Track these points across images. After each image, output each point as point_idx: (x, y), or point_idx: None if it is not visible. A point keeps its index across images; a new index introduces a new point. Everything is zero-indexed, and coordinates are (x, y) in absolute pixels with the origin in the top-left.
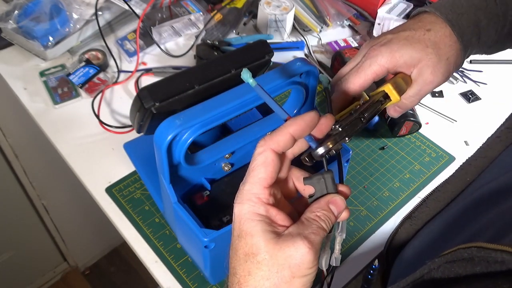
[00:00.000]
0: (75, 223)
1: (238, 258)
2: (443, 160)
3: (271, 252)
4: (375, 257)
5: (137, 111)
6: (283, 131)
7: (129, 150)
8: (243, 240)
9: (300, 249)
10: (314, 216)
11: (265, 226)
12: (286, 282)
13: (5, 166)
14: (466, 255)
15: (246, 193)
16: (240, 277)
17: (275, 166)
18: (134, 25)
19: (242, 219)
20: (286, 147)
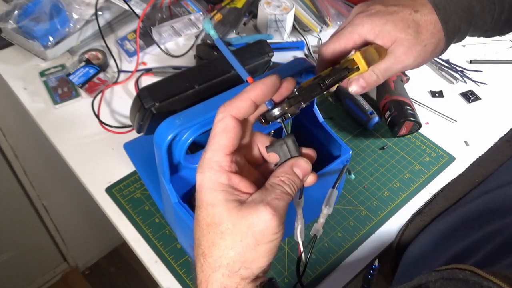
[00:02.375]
0: (75, 223)
1: (201, 229)
2: (443, 160)
3: (234, 220)
4: (375, 257)
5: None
6: (244, 97)
7: (129, 150)
8: (205, 211)
9: (263, 215)
10: (278, 181)
11: (227, 195)
12: (251, 250)
13: (5, 166)
14: (461, 276)
15: (207, 162)
16: (204, 248)
17: (236, 132)
18: (134, 25)
19: (204, 188)
20: (247, 113)
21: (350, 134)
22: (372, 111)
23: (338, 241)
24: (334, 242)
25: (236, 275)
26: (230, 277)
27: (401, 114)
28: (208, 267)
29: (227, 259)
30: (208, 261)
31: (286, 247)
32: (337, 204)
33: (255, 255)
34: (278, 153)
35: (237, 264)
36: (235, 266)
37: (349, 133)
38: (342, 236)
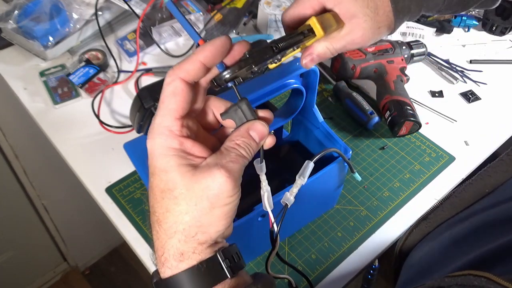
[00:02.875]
0: (75, 223)
1: (155, 196)
2: (443, 160)
3: (188, 185)
4: (375, 257)
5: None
6: (193, 59)
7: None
8: (158, 177)
9: (217, 178)
10: (233, 144)
11: (179, 160)
12: (206, 214)
13: (5, 166)
14: (476, 283)
15: (157, 127)
16: (159, 215)
17: (185, 96)
18: (134, 25)
19: (155, 155)
20: (197, 76)
21: (350, 134)
22: (372, 111)
23: (338, 241)
24: (334, 242)
25: (192, 240)
26: (187, 242)
27: (401, 114)
28: (163, 234)
29: (183, 224)
30: (163, 227)
31: (286, 247)
32: (337, 204)
33: (211, 219)
34: (233, 118)
35: (193, 229)
36: (191, 231)
37: (349, 133)
38: (342, 236)
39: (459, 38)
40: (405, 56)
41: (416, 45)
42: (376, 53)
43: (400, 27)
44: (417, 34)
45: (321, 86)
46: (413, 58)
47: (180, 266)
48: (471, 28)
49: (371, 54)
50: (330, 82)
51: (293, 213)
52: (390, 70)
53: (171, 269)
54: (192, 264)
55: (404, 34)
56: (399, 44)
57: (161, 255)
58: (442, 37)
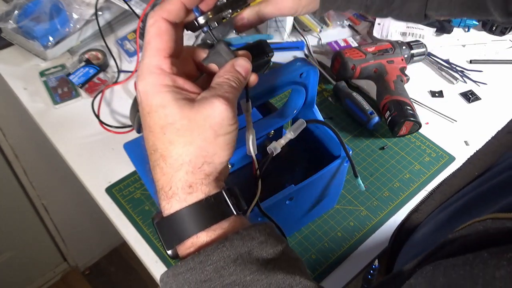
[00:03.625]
0: (75, 223)
1: (155, 133)
2: (443, 160)
3: (189, 116)
4: (375, 257)
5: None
6: None
7: (129, 150)
8: (156, 114)
9: (218, 107)
10: (223, 79)
11: (175, 95)
12: (210, 142)
13: (5, 166)
14: (481, 228)
15: (147, 67)
16: (162, 150)
17: (170, 35)
18: (134, 25)
19: (149, 94)
20: (178, 16)
21: (350, 134)
22: (372, 111)
23: (338, 241)
24: (334, 242)
25: (199, 171)
26: (194, 174)
27: (401, 114)
28: (169, 168)
29: (189, 155)
30: (169, 162)
31: None
32: (337, 204)
33: (215, 148)
34: (215, 62)
35: (199, 159)
36: (197, 162)
37: (349, 133)
38: (342, 236)
39: (459, 38)
40: (405, 56)
41: (416, 45)
42: (376, 53)
43: (400, 27)
44: (417, 34)
45: (321, 86)
46: (413, 58)
47: (189, 199)
48: (471, 28)
49: (371, 54)
50: (330, 82)
51: (293, 213)
52: (390, 70)
53: (180, 202)
54: (200, 198)
55: (404, 34)
56: (399, 44)
57: (168, 190)
58: (442, 37)
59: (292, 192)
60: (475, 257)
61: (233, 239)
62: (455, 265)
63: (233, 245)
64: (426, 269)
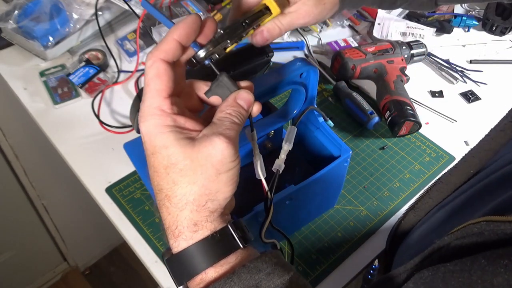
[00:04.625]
0: (75, 223)
1: (159, 173)
2: (443, 160)
3: (191, 156)
4: (375, 257)
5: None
6: (168, 39)
7: (129, 150)
8: (159, 155)
9: (218, 145)
10: (225, 114)
11: (176, 135)
12: (213, 181)
13: (5, 166)
14: (475, 230)
15: (148, 109)
16: (167, 190)
17: (169, 75)
18: (134, 25)
19: (152, 135)
20: (175, 55)
21: (350, 134)
22: (372, 111)
23: (338, 241)
24: (334, 242)
25: (203, 209)
26: (199, 212)
27: (401, 114)
28: (174, 208)
29: (192, 195)
30: (173, 201)
31: (286, 247)
32: (337, 204)
33: (218, 185)
34: (218, 94)
35: (203, 197)
36: (201, 200)
37: (349, 133)
38: (342, 236)
39: (459, 38)
40: (405, 56)
41: (416, 45)
42: (376, 53)
43: (400, 27)
44: (417, 34)
45: (321, 86)
46: (413, 58)
47: (195, 236)
48: (471, 28)
49: (371, 54)
50: (330, 82)
51: (293, 213)
52: (390, 70)
53: (186, 241)
54: (206, 235)
55: (404, 34)
56: (399, 44)
57: (175, 229)
58: (442, 37)
59: (292, 192)
60: (472, 262)
61: (241, 273)
62: (454, 271)
63: (241, 279)
64: (425, 274)
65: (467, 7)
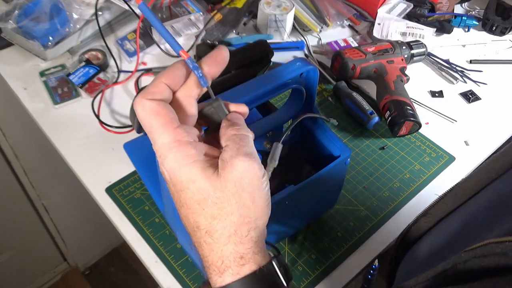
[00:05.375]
0: (75, 223)
1: (194, 210)
2: (443, 160)
3: (220, 187)
4: (375, 257)
5: None
6: (155, 82)
7: (129, 150)
8: (188, 190)
9: (241, 166)
10: (229, 135)
11: (201, 164)
12: (249, 207)
13: (5, 166)
14: (499, 250)
15: (163, 147)
16: (206, 226)
17: (166, 107)
18: (134, 25)
19: (175, 170)
20: (163, 96)
21: (350, 134)
22: (372, 111)
23: (338, 241)
24: (334, 242)
25: (247, 240)
26: (243, 243)
27: (401, 114)
28: (217, 243)
29: (233, 226)
30: (215, 236)
31: (286, 247)
32: (337, 204)
33: (256, 212)
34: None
35: (244, 227)
36: (243, 231)
37: (349, 133)
38: (342, 236)
39: (459, 38)
40: (405, 56)
41: (416, 45)
42: (376, 53)
43: (400, 27)
44: (417, 34)
45: (321, 86)
46: (413, 58)
47: (242, 271)
48: (471, 28)
49: (371, 54)
50: (330, 82)
51: (293, 213)
52: (390, 70)
53: (233, 276)
54: (253, 269)
55: (404, 34)
56: (399, 44)
57: (221, 264)
58: (442, 37)
59: (292, 192)
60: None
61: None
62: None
63: None
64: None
65: (467, 7)
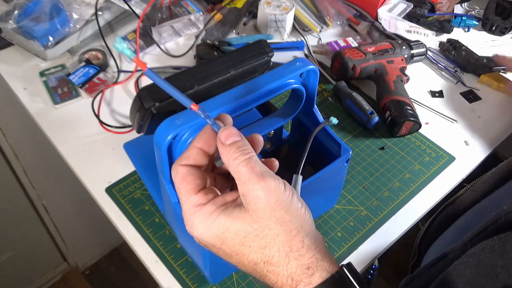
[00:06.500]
0: (75, 223)
1: (243, 253)
2: (443, 160)
3: (253, 219)
4: (375, 257)
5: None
6: (190, 147)
7: (129, 150)
8: (228, 239)
9: (258, 191)
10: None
11: (226, 210)
12: (289, 220)
13: (5, 166)
14: None
15: (188, 213)
16: (261, 259)
17: (194, 174)
18: (134, 25)
19: (207, 230)
20: (197, 160)
21: (350, 134)
22: (372, 111)
23: (338, 241)
24: (334, 242)
25: (305, 249)
26: (302, 256)
27: (401, 114)
28: (280, 266)
29: (286, 244)
30: (274, 261)
31: None
32: (337, 204)
33: (296, 220)
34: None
35: (295, 239)
36: (296, 244)
37: (349, 133)
38: (342, 236)
39: (459, 38)
40: (405, 56)
41: (416, 45)
42: (376, 53)
43: (404, 26)
44: (422, 33)
45: (321, 86)
46: (413, 58)
47: (313, 281)
48: (471, 28)
49: (371, 54)
50: (330, 82)
51: None
52: (390, 70)
53: (306, 287)
54: (324, 276)
55: (409, 32)
56: (399, 44)
57: (291, 282)
58: (442, 37)
59: None
60: None
61: None
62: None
63: None
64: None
65: (467, 7)
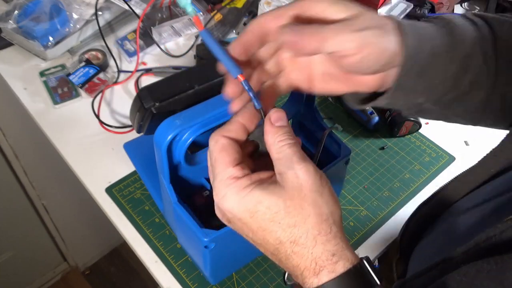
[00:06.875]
0: (75, 223)
1: (270, 228)
2: (443, 160)
3: (288, 196)
4: (375, 257)
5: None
6: (232, 120)
7: (129, 150)
8: (259, 212)
9: (300, 172)
10: (277, 145)
11: (260, 186)
12: (321, 205)
13: (5, 166)
14: None
15: (220, 184)
16: (288, 237)
17: (234, 147)
18: (134, 25)
19: (238, 203)
20: (238, 135)
21: (350, 134)
22: (372, 111)
23: None
24: None
25: (332, 236)
26: (329, 241)
27: (401, 114)
28: (306, 247)
29: (315, 227)
30: (301, 242)
31: None
32: None
33: (328, 206)
34: (260, 140)
35: (324, 224)
36: (325, 229)
37: (349, 133)
38: None
39: None
40: None
41: None
42: None
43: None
44: None
45: None
46: None
47: (337, 268)
48: None
49: None
50: None
51: None
52: None
53: (329, 274)
54: (347, 266)
55: None
56: None
57: (315, 266)
58: None
59: None
60: None
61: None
62: None
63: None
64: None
65: (467, 7)
